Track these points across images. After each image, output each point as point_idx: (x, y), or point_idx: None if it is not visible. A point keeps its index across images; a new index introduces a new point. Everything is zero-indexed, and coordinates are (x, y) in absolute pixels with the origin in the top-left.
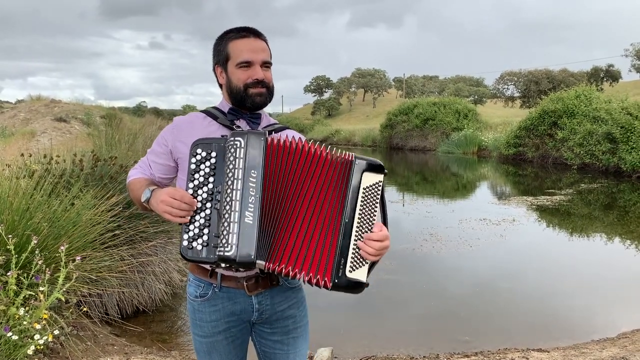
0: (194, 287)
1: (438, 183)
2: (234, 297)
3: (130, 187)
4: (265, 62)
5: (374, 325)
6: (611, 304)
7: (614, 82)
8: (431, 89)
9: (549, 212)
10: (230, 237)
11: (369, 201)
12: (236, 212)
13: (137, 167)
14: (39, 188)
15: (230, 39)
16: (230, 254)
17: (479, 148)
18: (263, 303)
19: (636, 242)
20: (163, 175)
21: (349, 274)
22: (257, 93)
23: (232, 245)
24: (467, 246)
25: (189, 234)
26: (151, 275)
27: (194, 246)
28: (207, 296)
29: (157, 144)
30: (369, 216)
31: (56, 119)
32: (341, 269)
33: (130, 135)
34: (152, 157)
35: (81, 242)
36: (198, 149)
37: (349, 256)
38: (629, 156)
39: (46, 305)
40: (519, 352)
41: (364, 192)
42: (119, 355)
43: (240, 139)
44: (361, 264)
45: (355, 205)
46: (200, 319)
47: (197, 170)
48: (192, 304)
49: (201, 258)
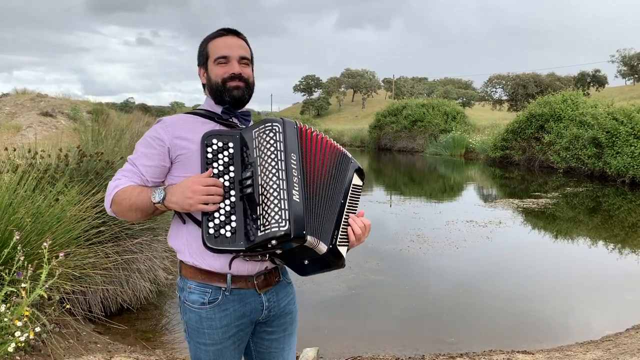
0: (199, 294)
1: (425, 184)
2: (244, 297)
3: (121, 195)
4: (242, 58)
5: (359, 326)
6: (595, 307)
7: (601, 87)
8: (420, 90)
9: (534, 214)
10: (283, 213)
11: (354, 197)
12: (284, 190)
13: (120, 178)
14: (22, 183)
15: (210, 39)
16: (286, 229)
17: (466, 150)
18: (271, 300)
19: (619, 245)
20: (156, 178)
21: (337, 245)
22: (234, 86)
23: (286, 221)
24: (454, 247)
25: (215, 222)
26: (136, 272)
27: (221, 233)
28: (217, 301)
29: (147, 146)
30: (353, 207)
31: (42, 113)
32: (335, 238)
33: (117, 131)
34: (142, 161)
35: (65, 238)
36: (213, 139)
37: (340, 230)
38: (614, 161)
39: (28, 302)
40: (504, 353)
41: (353, 187)
42: (102, 353)
43: (278, 124)
44: (345, 242)
45: (347, 193)
46: (209, 327)
47: (214, 159)
48: (197, 312)
49: (231, 246)
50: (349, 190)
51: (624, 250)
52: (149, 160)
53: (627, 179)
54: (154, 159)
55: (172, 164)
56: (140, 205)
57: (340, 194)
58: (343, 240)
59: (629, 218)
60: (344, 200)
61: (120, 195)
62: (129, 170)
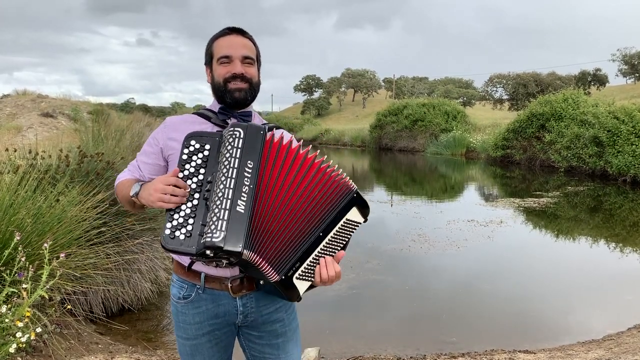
0: (177, 289)
1: (426, 184)
2: (218, 299)
3: (118, 188)
4: (246, 58)
5: (360, 326)
6: (597, 306)
7: (601, 86)
8: (421, 90)
9: (535, 214)
10: (219, 223)
11: (343, 232)
12: (228, 199)
13: (125, 171)
14: (23, 184)
15: (215, 38)
16: (218, 240)
17: (467, 150)
18: (248, 306)
19: (621, 244)
20: (153, 175)
21: (294, 280)
22: (236, 88)
23: (220, 232)
24: (455, 247)
25: (173, 222)
26: (137, 273)
27: (176, 235)
28: (191, 298)
29: (147, 144)
30: (337, 244)
31: (43, 114)
32: (293, 271)
33: (117, 131)
34: (142, 157)
35: (66, 238)
36: (192, 140)
37: (305, 264)
38: (615, 160)
39: (29, 303)
40: (506, 353)
41: (344, 222)
42: (104, 353)
43: (240, 129)
44: (308, 277)
45: (333, 228)
46: (183, 321)
47: (188, 161)
48: (175, 305)
49: (181, 248)
50: (336, 224)
51: (625, 250)
52: (147, 158)
53: (629, 178)
54: (150, 157)
55: (167, 164)
56: (127, 198)
57: (320, 224)
58: (307, 275)
59: (630, 217)
60: (324, 234)
61: (119, 187)
62: (133, 165)
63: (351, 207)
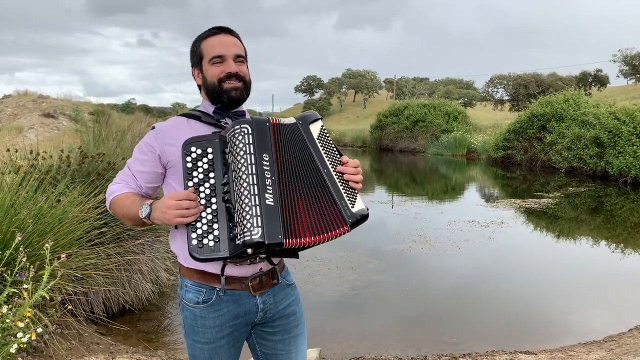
0: (194, 293)
1: (427, 185)
2: (239, 299)
3: (116, 203)
4: (238, 56)
5: (361, 326)
6: (598, 307)
7: (602, 87)
8: (421, 90)
9: (536, 214)
10: (254, 220)
11: (327, 146)
12: (255, 195)
13: (118, 182)
14: (24, 184)
15: (203, 38)
16: (258, 236)
17: (468, 150)
18: (267, 302)
19: (622, 245)
20: (150, 184)
21: (354, 210)
22: (232, 87)
23: (258, 228)
24: (456, 248)
25: (197, 232)
26: (138, 273)
27: (204, 244)
28: (211, 301)
29: (140, 152)
30: (335, 158)
31: (44, 114)
32: (347, 209)
33: (118, 132)
34: (137, 167)
35: (67, 239)
36: (192, 147)
37: (344, 196)
38: (616, 160)
39: (30, 303)
40: (507, 354)
41: (319, 140)
42: (104, 354)
43: (247, 125)
44: (354, 196)
45: (321, 154)
46: (203, 326)
47: (194, 168)
48: (192, 310)
49: (214, 255)
50: (320, 151)
51: (626, 250)
52: (143, 166)
53: (629, 179)
54: (147, 165)
55: (166, 170)
56: (133, 217)
57: (320, 168)
58: (351, 197)
59: (631, 218)
60: (326, 167)
61: (117, 203)
62: (127, 174)
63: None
